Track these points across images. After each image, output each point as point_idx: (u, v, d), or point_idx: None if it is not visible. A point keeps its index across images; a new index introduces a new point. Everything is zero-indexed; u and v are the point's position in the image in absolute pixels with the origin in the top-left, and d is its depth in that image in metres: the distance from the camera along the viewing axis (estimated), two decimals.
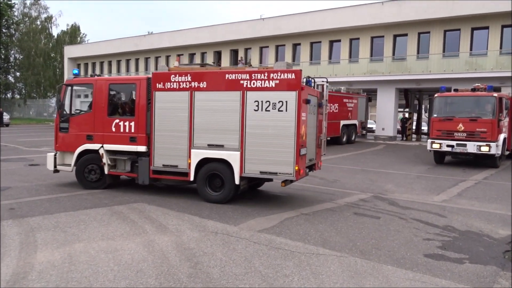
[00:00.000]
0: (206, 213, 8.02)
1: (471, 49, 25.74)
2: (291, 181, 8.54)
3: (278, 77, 8.11)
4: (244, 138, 8.35)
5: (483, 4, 24.32)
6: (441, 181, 12.85)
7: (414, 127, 31.65)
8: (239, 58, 35.10)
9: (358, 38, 29.74)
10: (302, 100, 8.06)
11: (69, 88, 10.13)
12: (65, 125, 9.98)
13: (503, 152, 16.21)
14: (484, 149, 15.20)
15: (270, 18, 32.79)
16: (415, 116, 32.22)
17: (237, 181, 8.42)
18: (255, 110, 8.28)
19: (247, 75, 8.33)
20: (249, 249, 6.03)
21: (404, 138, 29.50)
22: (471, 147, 15.42)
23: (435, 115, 16.47)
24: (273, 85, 8.15)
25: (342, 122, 24.48)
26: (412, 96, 30.81)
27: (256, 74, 8.27)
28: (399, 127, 38.78)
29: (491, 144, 15.12)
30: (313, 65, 31.42)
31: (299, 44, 32.55)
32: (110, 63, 47.07)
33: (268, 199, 9.52)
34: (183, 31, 38.53)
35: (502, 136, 15.83)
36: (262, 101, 8.22)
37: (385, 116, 28.35)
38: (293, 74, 8.05)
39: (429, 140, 16.46)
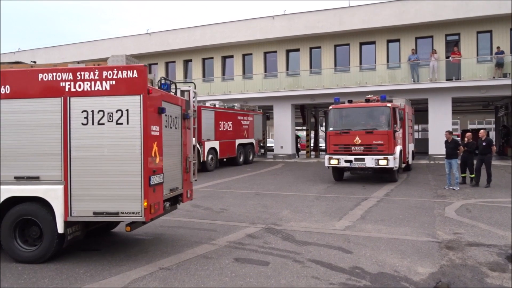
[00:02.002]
0: (6, 284, 5.15)
1: (360, 63, 25.82)
2: (143, 223, 6.05)
3: (114, 76, 5.67)
4: (69, 165, 5.69)
5: (368, 19, 24.53)
6: (342, 201, 11.31)
7: (312, 144, 31.07)
8: None
9: (251, 54, 28.48)
10: (151, 107, 5.70)
11: None
12: None
13: (400, 165, 15.45)
14: (382, 162, 14.20)
15: (157, 32, 30.20)
16: (312, 134, 31.72)
17: (60, 229, 5.69)
18: (83, 124, 5.71)
19: (70, 74, 5.75)
20: None
21: (297, 156, 28.63)
22: (369, 161, 14.33)
23: (331, 129, 15.23)
24: (108, 88, 5.68)
25: (238, 141, 22.59)
26: (308, 113, 30.23)
27: (83, 73, 5.73)
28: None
29: (389, 157, 14.17)
30: (207, 82, 29.40)
31: (191, 60, 30.38)
32: None
33: (121, 246, 6.87)
34: (60, 47, 34.14)
35: (398, 149, 15.04)
36: (93, 111, 5.69)
37: (283, 134, 27.18)
38: (134, 71, 5.68)
39: (327, 156, 15.12)
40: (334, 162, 14.87)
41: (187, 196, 7.24)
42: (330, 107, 15.51)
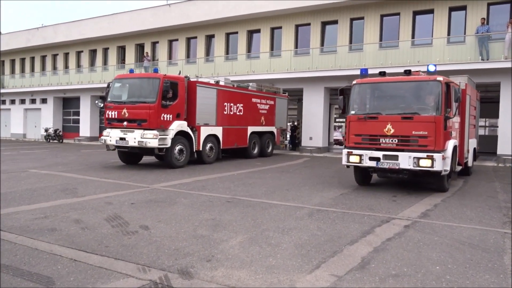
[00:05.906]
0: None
1: (413, 37, 20.72)
2: None
3: None
4: None
5: None
6: (347, 222, 7.03)
7: None
8: (144, 54, 28.90)
9: (281, 27, 24.22)
10: None
11: None
12: None
13: (453, 167, 10.73)
14: (425, 163, 9.59)
15: (177, 3, 26.74)
16: None
17: None
18: None
19: None
20: None
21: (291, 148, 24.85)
22: (405, 160, 9.79)
23: (352, 112, 10.83)
24: None
25: (251, 129, 18.56)
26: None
27: None
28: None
29: (435, 155, 9.54)
30: (229, 60, 25.59)
31: (213, 35, 26.66)
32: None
33: None
34: (80, 22, 31.75)
35: (451, 144, 10.34)
36: None
37: (312, 122, 22.79)
38: None
39: (345, 151, 10.73)
40: (354, 159, 10.46)
41: None
42: (354, 82, 11.10)
